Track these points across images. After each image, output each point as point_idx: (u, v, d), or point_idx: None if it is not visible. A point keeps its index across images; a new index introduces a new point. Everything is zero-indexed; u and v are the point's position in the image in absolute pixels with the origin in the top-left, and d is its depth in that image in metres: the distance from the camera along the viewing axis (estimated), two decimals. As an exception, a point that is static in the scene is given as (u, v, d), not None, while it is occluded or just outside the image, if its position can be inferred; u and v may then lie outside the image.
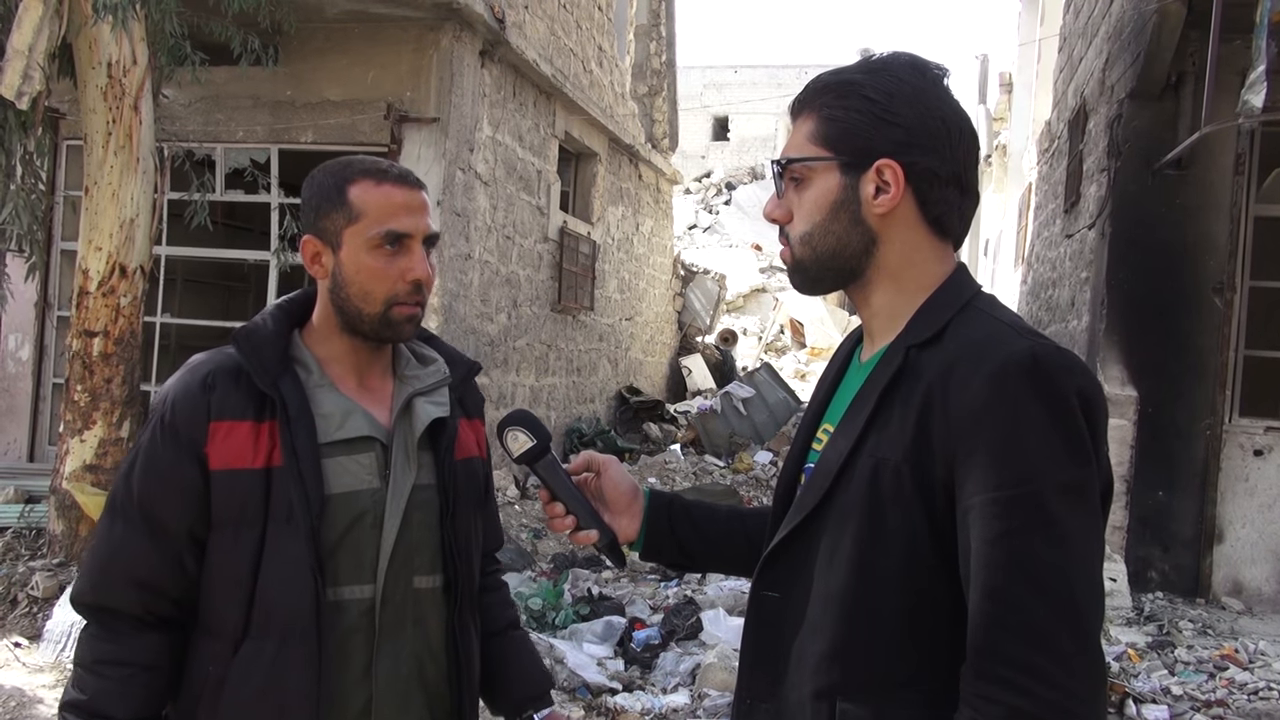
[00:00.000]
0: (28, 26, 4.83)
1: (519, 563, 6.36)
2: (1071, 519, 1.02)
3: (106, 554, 1.46)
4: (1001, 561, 1.01)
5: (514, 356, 8.79)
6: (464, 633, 1.56)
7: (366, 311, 1.47)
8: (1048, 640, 0.99)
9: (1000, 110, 17.01)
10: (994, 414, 1.04)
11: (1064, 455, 1.03)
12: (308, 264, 1.51)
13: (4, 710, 4.12)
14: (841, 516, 1.13)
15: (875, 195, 1.17)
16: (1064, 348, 1.09)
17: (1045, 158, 10.23)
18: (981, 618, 1.02)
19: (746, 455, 10.36)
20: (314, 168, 1.55)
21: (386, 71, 7.29)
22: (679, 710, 4.18)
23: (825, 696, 1.11)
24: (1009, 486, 1.02)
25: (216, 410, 1.43)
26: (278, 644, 1.41)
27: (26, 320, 7.81)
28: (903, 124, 1.16)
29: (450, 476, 1.54)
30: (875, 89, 1.17)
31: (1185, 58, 5.85)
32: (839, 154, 1.18)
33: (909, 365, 1.13)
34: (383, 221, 1.45)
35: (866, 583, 1.10)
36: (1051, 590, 1.00)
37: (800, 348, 19.81)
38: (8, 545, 5.83)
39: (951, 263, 1.21)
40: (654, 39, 13.57)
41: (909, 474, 1.08)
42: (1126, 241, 6.21)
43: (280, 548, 1.41)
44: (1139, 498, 6.01)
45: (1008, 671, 0.99)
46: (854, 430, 1.15)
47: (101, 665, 1.44)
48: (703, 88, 28.57)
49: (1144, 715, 4.11)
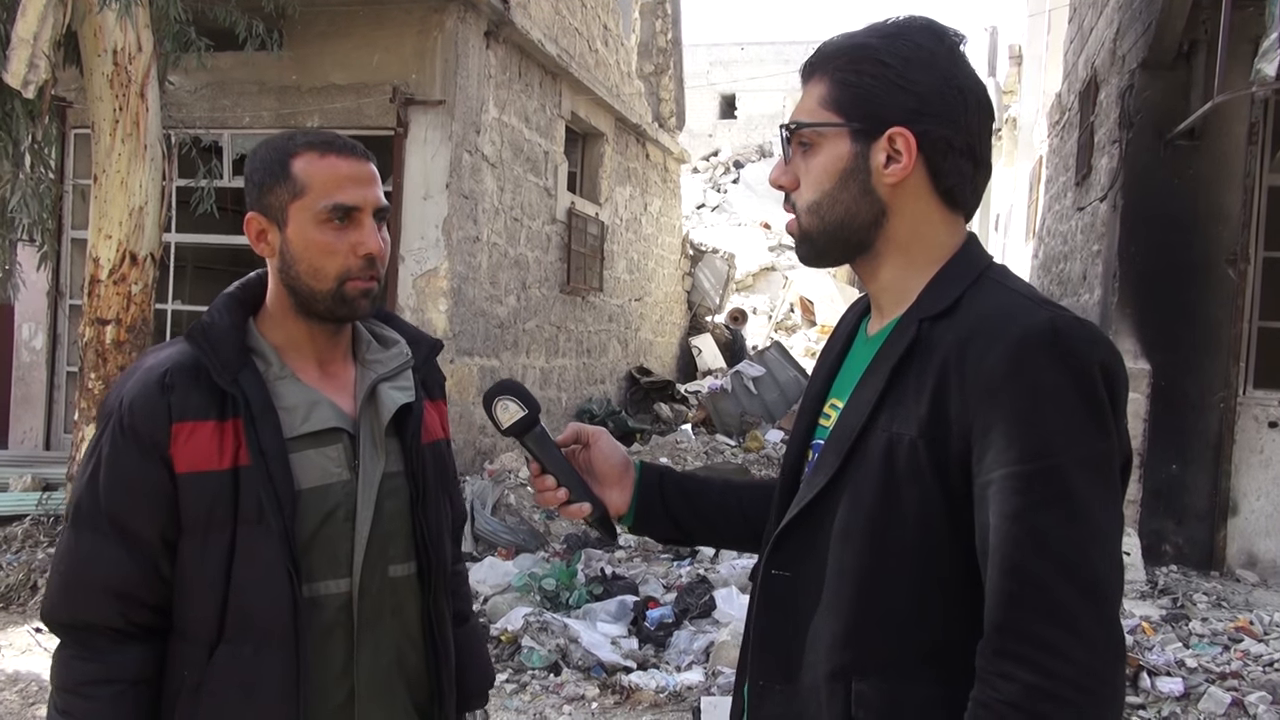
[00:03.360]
0: (32, 15, 4.83)
1: (532, 543, 6.38)
2: (1092, 493, 1.00)
3: (77, 567, 1.39)
4: (1021, 537, 0.99)
5: (524, 339, 8.79)
6: (439, 618, 1.54)
7: (319, 289, 1.41)
8: (1068, 617, 0.97)
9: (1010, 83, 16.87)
10: (1013, 386, 1.01)
11: (1085, 428, 1.01)
12: (253, 242, 1.46)
13: (23, 697, 4.17)
14: (855, 494, 1.11)
15: (886, 164, 1.13)
16: (1083, 319, 1.07)
17: (1056, 130, 10.15)
18: (1000, 594, 1.00)
19: (758, 434, 10.36)
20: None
21: (391, 54, 7.26)
22: (693, 688, 4.20)
23: (840, 677, 1.10)
24: (1029, 460, 1.00)
25: (178, 411, 1.36)
26: (255, 646, 1.37)
27: (39, 309, 7.85)
28: (917, 91, 1.12)
29: (419, 463, 1.51)
30: (890, 54, 1.13)
31: (1197, 26, 5.78)
32: (850, 120, 1.14)
33: (922, 339, 1.10)
34: (329, 194, 1.40)
35: (882, 560, 1.08)
36: (1072, 566, 0.98)
37: (810, 326, 19.77)
38: (26, 532, 5.89)
39: (962, 235, 1.18)
40: (659, 17, 13.47)
41: (924, 449, 1.06)
42: (1138, 214, 6.16)
43: (252, 549, 1.37)
44: (1152, 471, 5.99)
45: (1027, 649, 0.98)
46: (865, 406, 1.12)
47: (87, 686, 1.37)
48: (709, 65, 28.38)
49: (1158, 688, 4.11)
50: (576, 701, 4.16)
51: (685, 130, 14.59)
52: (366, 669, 1.45)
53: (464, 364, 7.59)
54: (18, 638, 4.76)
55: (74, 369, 7.03)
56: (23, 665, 4.46)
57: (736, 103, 29.03)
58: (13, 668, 4.43)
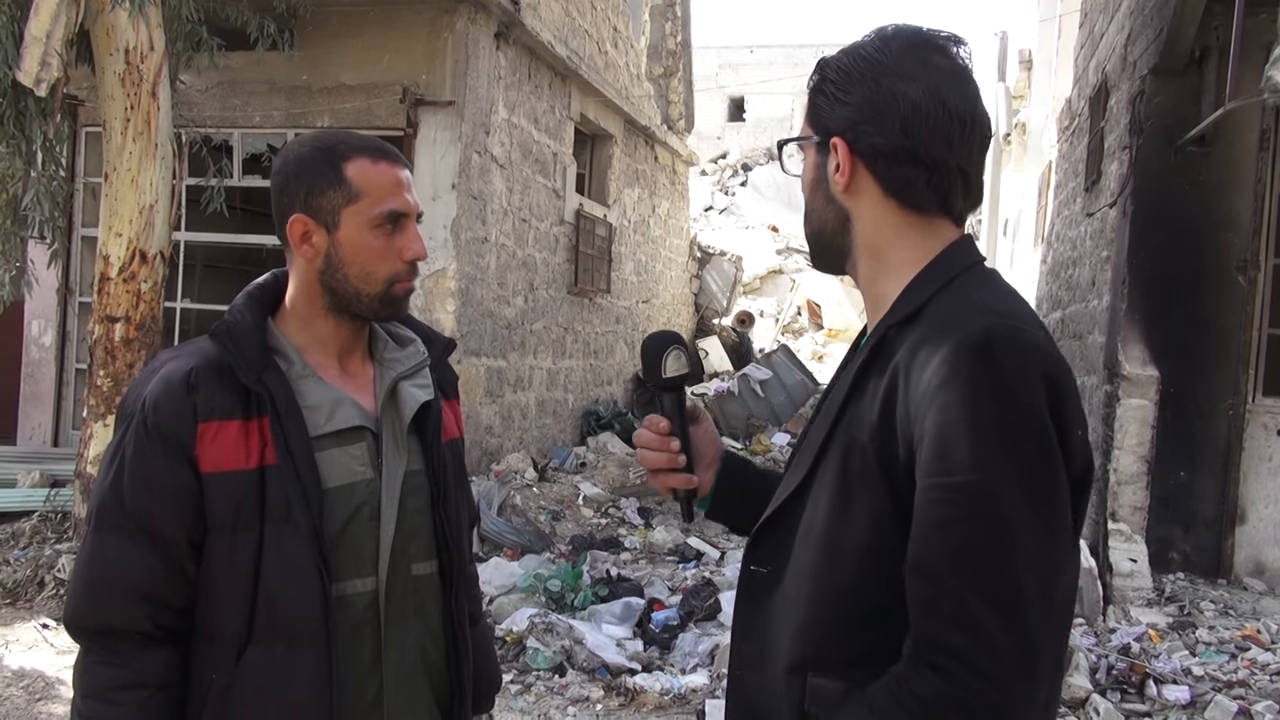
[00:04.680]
0: (45, 13, 4.85)
1: (537, 544, 6.38)
2: (1016, 503, 1.00)
3: (101, 570, 1.37)
4: (940, 547, 1.01)
5: (531, 339, 8.80)
6: (460, 616, 1.55)
7: (366, 292, 1.44)
8: (977, 629, 0.98)
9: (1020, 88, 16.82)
10: (945, 396, 1.02)
11: (1014, 437, 1.01)
12: (295, 244, 1.45)
13: (29, 693, 4.18)
14: (818, 495, 1.14)
15: (836, 171, 1.19)
16: (1026, 325, 1.07)
17: (1065, 135, 10.12)
18: (918, 601, 1.02)
19: (764, 437, 10.35)
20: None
21: (402, 55, 7.28)
22: (698, 691, 4.20)
23: (798, 670, 1.13)
24: (955, 472, 1.01)
25: (204, 411, 1.36)
26: (286, 647, 1.36)
27: (49, 306, 7.88)
28: (851, 101, 1.17)
29: (439, 461, 1.52)
30: (836, 67, 1.20)
31: (1209, 32, 5.76)
32: (814, 133, 1.22)
33: (885, 344, 1.14)
34: (383, 201, 1.43)
35: (835, 560, 1.11)
36: (987, 579, 0.99)
37: (817, 329, 19.74)
38: (34, 529, 5.92)
39: (942, 238, 1.18)
40: (669, 19, 13.48)
41: (874, 453, 1.09)
42: (1148, 220, 6.14)
43: (281, 548, 1.36)
44: (1160, 478, 5.97)
45: (939, 657, 1.00)
46: (833, 409, 1.16)
47: (114, 692, 1.34)
48: (718, 68, 28.37)
49: (1165, 696, 4.09)
50: (581, 703, 4.16)
51: (694, 133, 14.59)
52: (393, 667, 1.46)
53: (471, 364, 7.60)
54: (25, 633, 4.78)
55: (83, 366, 7.05)
56: (29, 661, 4.47)
57: (745, 105, 29.01)
58: (19, 664, 4.44)
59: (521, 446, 8.52)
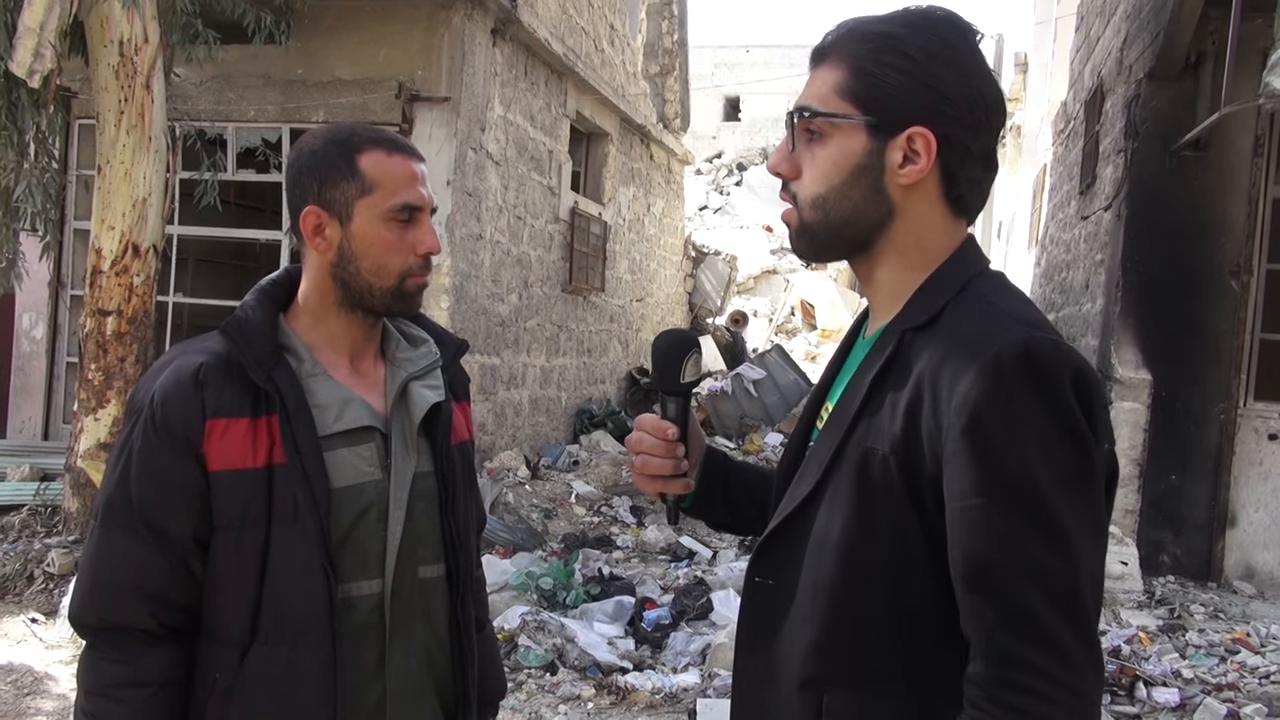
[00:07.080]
0: (39, 4, 4.82)
1: (530, 542, 6.37)
2: (1071, 515, 0.98)
3: (107, 567, 1.36)
4: (1004, 563, 0.98)
5: (525, 337, 8.79)
6: (466, 621, 1.53)
7: (379, 286, 1.42)
8: (1058, 644, 0.96)
9: (1015, 90, 16.85)
10: (988, 412, 0.98)
11: (1062, 449, 0.99)
12: (308, 236, 1.43)
13: (16, 688, 4.16)
14: (832, 506, 1.09)
15: (902, 164, 1.08)
16: (1059, 337, 1.05)
17: (1061, 139, 10.14)
18: (985, 621, 0.99)
19: (757, 437, 10.35)
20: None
21: (398, 50, 7.26)
22: (689, 690, 4.19)
23: (812, 687, 1.09)
24: (1005, 487, 0.98)
25: (212, 408, 1.34)
26: (290, 648, 1.35)
27: (40, 299, 7.84)
28: (941, 90, 1.07)
29: (449, 463, 1.50)
30: (915, 46, 1.07)
31: (1205, 37, 5.78)
32: (868, 113, 1.08)
33: (902, 350, 1.08)
34: (398, 194, 1.41)
35: (855, 576, 1.07)
36: (1057, 592, 0.97)
37: (811, 329, 19.76)
38: (24, 522, 5.89)
39: (959, 238, 1.14)
40: (666, 18, 13.47)
41: (896, 467, 1.04)
42: (1142, 223, 6.15)
43: (287, 548, 1.35)
44: (1152, 481, 5.99)
45: (1026, 678, 0.96)
46: (846, 417, 1.10)
47: (117, 689, 1.34)
48: (714, 67, 28.36)
49: (1154, 698, 4.10)
50: (572, 701, 4.16)
51: (689, 132, 14.59)
52: (398, 671, 1.44)
53: (464, 361, 7.56)
54: (13, 628, 4.75)
55: (74, 359, 7.02)
56: (17, 656, 4.45)
57: (740, 105, 29.02)
58: (6, 658, 4.42)
59: (514, 444, 8.51)
